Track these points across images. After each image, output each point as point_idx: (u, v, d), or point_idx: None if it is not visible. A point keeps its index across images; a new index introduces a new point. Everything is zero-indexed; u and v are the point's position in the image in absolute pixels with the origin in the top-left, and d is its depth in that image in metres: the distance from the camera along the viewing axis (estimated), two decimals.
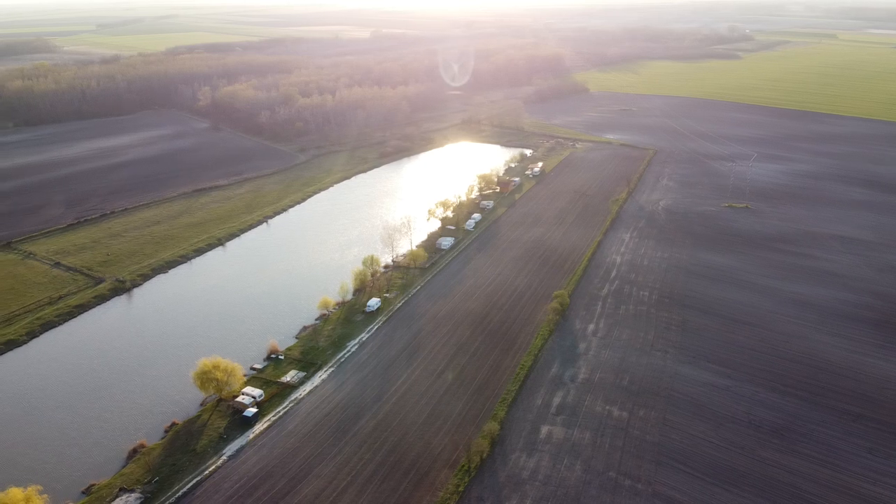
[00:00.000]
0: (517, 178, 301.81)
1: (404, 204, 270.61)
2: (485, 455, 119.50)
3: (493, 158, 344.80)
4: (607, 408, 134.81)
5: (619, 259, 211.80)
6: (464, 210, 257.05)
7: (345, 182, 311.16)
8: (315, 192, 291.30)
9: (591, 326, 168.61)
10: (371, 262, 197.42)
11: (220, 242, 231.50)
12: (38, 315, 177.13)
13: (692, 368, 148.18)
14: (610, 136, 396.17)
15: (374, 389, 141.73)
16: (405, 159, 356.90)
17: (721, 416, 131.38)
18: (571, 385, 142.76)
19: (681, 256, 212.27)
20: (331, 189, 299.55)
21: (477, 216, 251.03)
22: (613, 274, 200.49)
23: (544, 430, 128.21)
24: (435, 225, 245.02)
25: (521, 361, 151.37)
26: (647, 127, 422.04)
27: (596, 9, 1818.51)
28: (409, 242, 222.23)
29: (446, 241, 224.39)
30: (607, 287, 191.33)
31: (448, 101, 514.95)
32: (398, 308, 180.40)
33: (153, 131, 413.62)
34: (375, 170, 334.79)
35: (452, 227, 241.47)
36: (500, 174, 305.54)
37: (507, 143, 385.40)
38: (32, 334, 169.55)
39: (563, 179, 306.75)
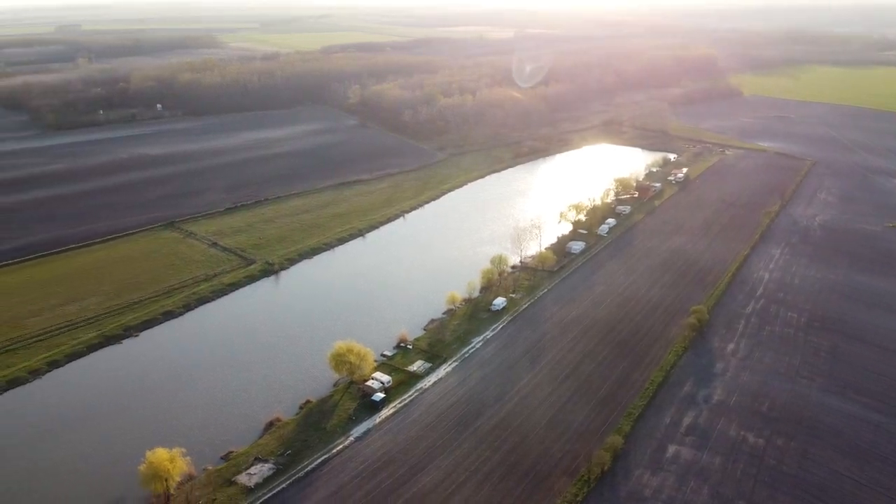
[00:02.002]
0: (658, 184, 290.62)
1: (536, 205, 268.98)
2: (606, 468, 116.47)
3: (633, 162, 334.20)
4: (742, 433, 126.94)
5: (766, 276, 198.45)
6: (598, 214, 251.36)
7: (479, 181, 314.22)
8: (450, 190, 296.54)
9: (731, 346, 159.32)
10: (499, 261, 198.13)
11: (361, 233, 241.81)
12: (193, 290, 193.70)
13: (840, 399, 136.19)
14: (763, 144, 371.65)
15: (496, 388, 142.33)
16: (540, 160, 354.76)
17: (869, 453, 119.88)
18: (704, 406, 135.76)
19: (836, 277, 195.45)
20: (465, 187, 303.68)
21: (612, 221, 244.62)
22: (759, 292, 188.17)
23: (671, 449, 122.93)
24: (566, 228, 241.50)
25: (650, 376, 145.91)
26: (805, 136, 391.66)
27: (751, 9, 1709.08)
28: (538, 244, 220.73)
29: (577, 245, 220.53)
30: (752, 305, 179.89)
31: (589, 102, 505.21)
32: (524, 309, 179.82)
33: (306, 126, 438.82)
34: (510, 170, 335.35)
35: (584, 232, 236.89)
36: (640, 179, 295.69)
37: (649, 147, 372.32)
38: (188, 307, 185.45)
39: (710, 187, 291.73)
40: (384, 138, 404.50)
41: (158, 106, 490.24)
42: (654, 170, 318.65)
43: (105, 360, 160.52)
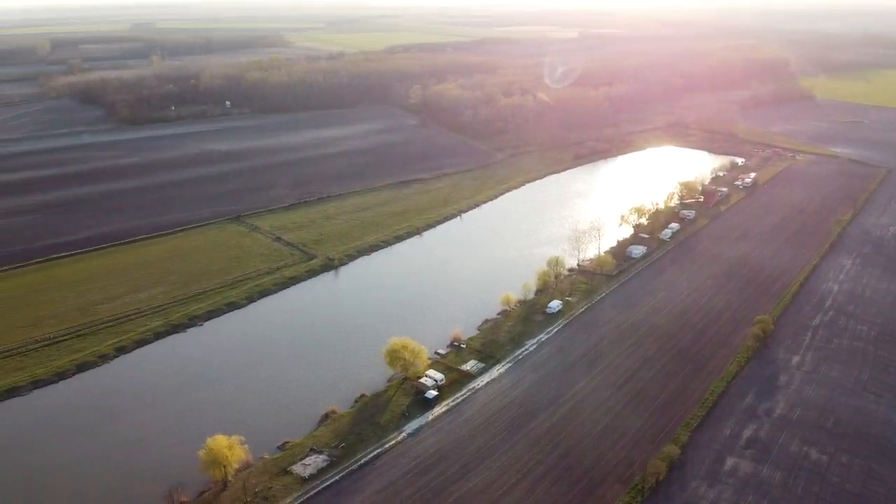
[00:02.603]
0: (724, 189, 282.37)
1: (595, 207, 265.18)
2: (661, 478, 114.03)
3: (699, 166, 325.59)
4: (804, 448, 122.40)
5: (836, 287, 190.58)
6: (660, 218, 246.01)
7: (538, 182, 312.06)
8: (507, 191, 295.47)
9: (796, 359, 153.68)
10: (556, 263, 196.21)
11: (418, 231, 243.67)
12: (257, 282, 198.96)
13: None
14: (836, 150, 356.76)
15: (550, 391, 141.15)
16: (601, 162, 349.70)
17: None
18: (766, 419, 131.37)
19: None
20: (523, 188, 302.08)
21: (675, 226, 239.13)
22: (828, 303, 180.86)
23: (730, 462, 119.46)
24: (626, 232, 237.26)
25: (710, 386, 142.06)
26: (881, 142, 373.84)
27: (824, 11, 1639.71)
28: (596, 247, 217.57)
29: (637, 250, 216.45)
30: (819, 317, 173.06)
31: (653, 103, 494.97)
32: (580, 313, 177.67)
33: (368, 125, 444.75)
34: (569, 171, 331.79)
35: (646, 236, 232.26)
36: (706, 183, 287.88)
37: (715, 150, 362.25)
38: (251, 299, 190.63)
39: (779, 193, 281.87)
40: (443, 138, 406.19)
41: (227, 103, 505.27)
42: (721, 174, 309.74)
43: (170, 347, 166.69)
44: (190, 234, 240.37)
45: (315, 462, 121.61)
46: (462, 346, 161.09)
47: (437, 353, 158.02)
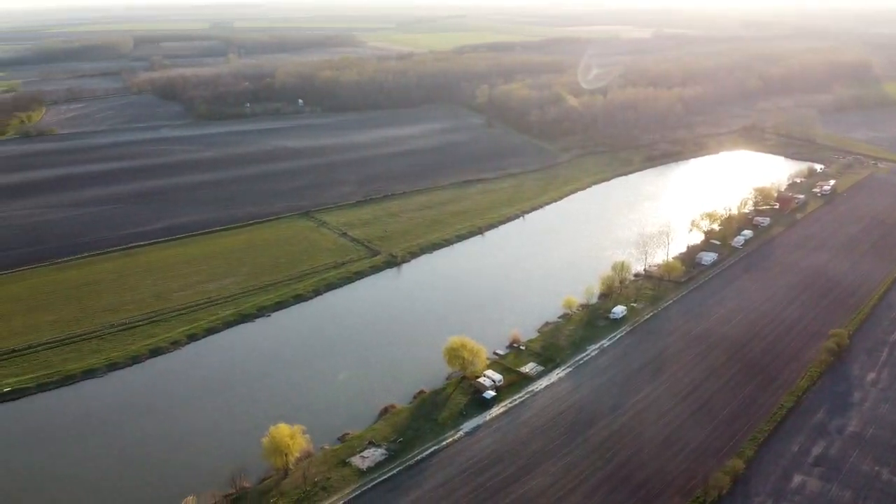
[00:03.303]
0: (801, 196, 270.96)
1: (665, 211, 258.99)
2: (724, 492, 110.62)
3: (775, 171, 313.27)
4: (877, 468, 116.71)
5: None
6: (733, 225, 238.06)
7: (605, 184, 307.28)
8: (573, 192, 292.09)
9: (872, 375, 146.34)
10: (621, 268, 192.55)
11: (480, 231, 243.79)
12: (323, 276, 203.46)
13: None
14: None
15: (610, 399, 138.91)
16: (672, 164, 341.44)
17: None
18: (837, 436, 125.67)
19: None
20: (589, 189, 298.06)
21: (748, 233, 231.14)
22: None
23: (797, 479, 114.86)
24: (697, 237, 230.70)
25: (780, 401, 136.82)
26: None
27: None
28: (665, 253, 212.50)
29: (708, 257, 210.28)
30: None
31: (729, 106, 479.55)
32: (645, 320, 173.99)
33: (434, 124, 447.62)
34: (638, 173, 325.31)
35: (717, 242, 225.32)
36: (782, 189, 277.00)
37: (792, 156, 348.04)
38: (317, 292, 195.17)
39: (859, 202, 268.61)
40: (509, 138, 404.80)
41: (300, 101, 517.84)
42: (798, 180, 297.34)
43: (239, 336, 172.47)
44: (262, 228, 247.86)
45: (373, 455, 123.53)
46: (521, 347, 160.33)
47: (495, 353, 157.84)
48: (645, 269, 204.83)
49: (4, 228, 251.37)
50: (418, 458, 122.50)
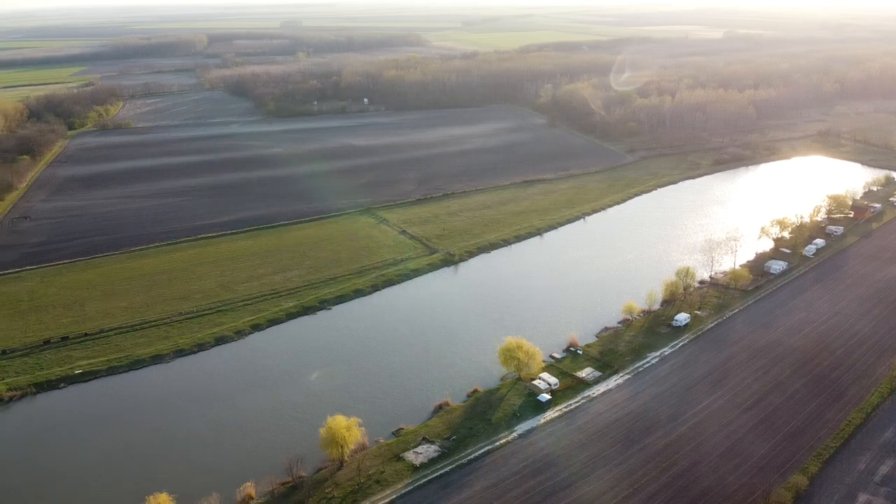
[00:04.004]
0: (878, 205, 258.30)
1: (733, 217, 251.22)
2: None
3: (850, 179, 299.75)
4: None
5: None
6: (804, 233, 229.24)
7: (670, 187, 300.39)
8: (637, 195, 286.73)
9: None
10: (686, 274, 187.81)
11: (539, 232, 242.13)
12: (382, 272, 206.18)
13: None
14: None
15: (669, 408, 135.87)
16: (742, 169, 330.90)
17: None
18: None
19: None
20: (654, 192, 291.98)
21: (820, 242, 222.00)
22: None
23: (862, 498, 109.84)
24: (766, 245, 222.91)
25: (847, 417, 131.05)
26: None
27: None
28: (732, 260, 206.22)
29: (777, 265, 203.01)
30: None
31: (803, 110, 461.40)
32: (709, 329, 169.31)
33: (496, 124, 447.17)
34: (706, 177, 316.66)
35: (787, 251, 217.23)
36: (857, 198, 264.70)
37: (869, 163, 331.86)
38: (376, 287, 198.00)
39: None
40: (572, 138, 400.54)
41: (365, 100, 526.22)
42: (875, 189, 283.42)
43: (301, 328, 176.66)
44: (325, 223, 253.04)
45: (427, 451, 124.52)
46: (578, 351, 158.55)
47: (551, 356, 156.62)
48: (710, 277, 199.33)
49: (83, 217, 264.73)
50: (471, 456, 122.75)
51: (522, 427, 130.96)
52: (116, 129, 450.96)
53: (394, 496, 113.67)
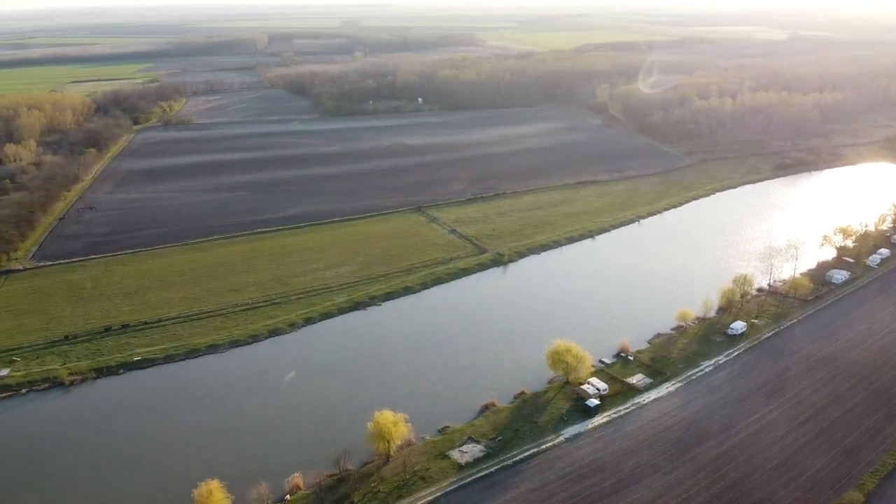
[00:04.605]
0: None
1: (794, 224, 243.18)
2: None
3: None
4: None
5: None
6: (869, 242, 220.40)
7: (730, 191, 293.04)
8: (694, 198, 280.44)
9: None
10: (743, 281, 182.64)
11: (591, 234, 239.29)
12: (431, 270, 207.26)
13: None
14: None
15: (722, 418, 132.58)
16: (805, 174, 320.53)
17: None
18: None
19: None
20: (712, 196, 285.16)
21: (885, 252, 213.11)
22: None
23: None
24: (828, 254, 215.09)
25: None
26: None
27: None
28: (792, 268, 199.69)
29: (839, 275, 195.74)
30: None
31: (871, 115, 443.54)
32: (766, 338, 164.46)
33: (550, 124, 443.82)
34: (767, 182, 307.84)
35: (850, 260, 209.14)
36: None
37: None
38: (424, 285, 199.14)
39: None
40: (628, 139, 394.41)
41: (419, 99, 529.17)
42: None
43: (351, 322, 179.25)
44: (377, 221, 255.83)
45: (472, 451, 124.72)
46: (629, 357, 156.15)
47: (601, 361, 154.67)
48: (769, 284, 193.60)
49: (145, 209, 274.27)
50: (516, 458, 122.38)
51: (569, 431, 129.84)
52: (179, 125, 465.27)
53: (438, 493, 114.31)
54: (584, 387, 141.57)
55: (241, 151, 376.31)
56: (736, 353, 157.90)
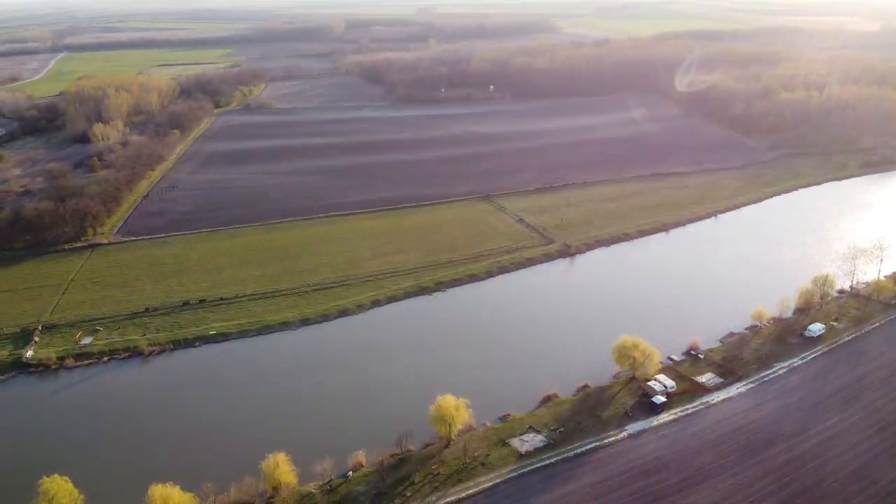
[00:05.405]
0: None
1: (880, 224, 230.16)
2: None
3: None
4: None
5: None
6: None
7: (814, 188, 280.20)
8: (775, 194, 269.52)
9: None
10: (823, 282, 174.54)
11: (665, 228, 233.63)
12: (497, 259, 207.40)
13: None
14: None
15: (794, 422, 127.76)
16: (895, 172, 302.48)
17: None
18: None
19: None
20: (794, 193, 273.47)
21: None
22: None
23: None
24: None
25: None
26: None
27: None
28: (876, 270, 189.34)
29: None
30: None
31: None
32: (845, 341, 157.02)
33: (625, 113, 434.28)
34: (853, 179, 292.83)
35: None
36: None
37: None
38: (490, 274, 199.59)
39: None
40: (707, 131, 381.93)
41: (491, 87, 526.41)
42: None
43: (416, 306, 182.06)
44: (445, 208, 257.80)
45: (533, 440, 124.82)
46: (699, 355, 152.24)
47: (669, 358, 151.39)
48: (851, 286, 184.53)
49: (225, 190, 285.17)
50: (578, 451, 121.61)
51: (633, 427, 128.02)
52: (258, 109, 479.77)
53: (497, 480, 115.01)
54: (651, 383, 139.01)
55: (317, 137, 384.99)
56: (812, 355, 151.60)
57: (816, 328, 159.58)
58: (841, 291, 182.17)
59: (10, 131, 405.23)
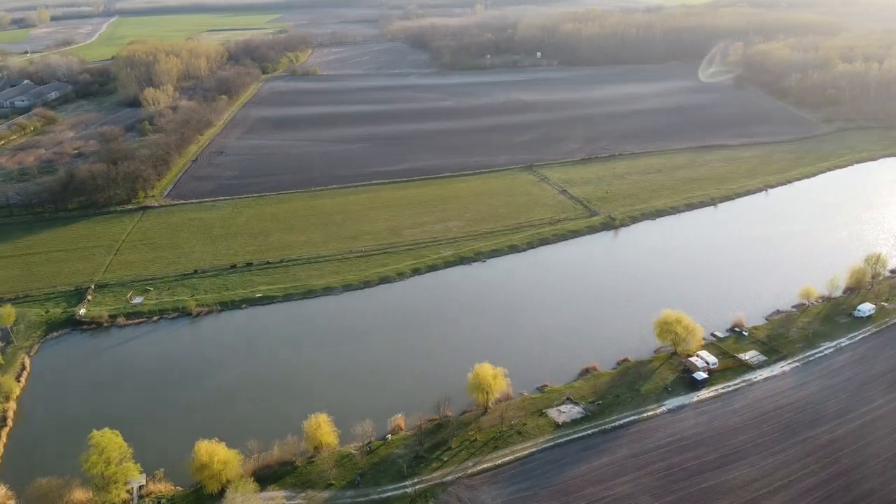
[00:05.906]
0: None
1: None
2: None
3: None
4: None
5: None
6: None
7: (870, 163, 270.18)
8: (830, 169, 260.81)
9: None
10: (876, 261, 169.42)
11: (713, 202, 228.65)
12: (539, 230, 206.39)
13: None
14: None
15: (838, 402, 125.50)
16: None
17: None
18: None
19: None
20: (850, 168, 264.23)
21: None
22: None
23: None
24: None
25: None
26: None
27: None
28: None
29: None
30: None
31: None
32: (895, 323, 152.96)
33: (675, 83, 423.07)
34: None
35: None
36: None
37: None
38: (530, 245, 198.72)
39: None
40: (760, 102, 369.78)
41: (538, 54, 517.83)
42: None
43: (456, 275, 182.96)
44: (487, 178, 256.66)
45: (570, 412, 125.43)
46: (744, 333, 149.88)
47: (713, 335, 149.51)
48: None
49: (271, 156, 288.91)
50: (615, 423, 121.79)
51: (673, 402, 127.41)
52: (304, 76, 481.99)
53: (533, 449, 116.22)
54: (693, 359, 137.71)
55: (363, 104, 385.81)
56: (861, 336, 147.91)
57: (866, 308, 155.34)
58: (893, 271, 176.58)
59: (65, 94, 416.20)
